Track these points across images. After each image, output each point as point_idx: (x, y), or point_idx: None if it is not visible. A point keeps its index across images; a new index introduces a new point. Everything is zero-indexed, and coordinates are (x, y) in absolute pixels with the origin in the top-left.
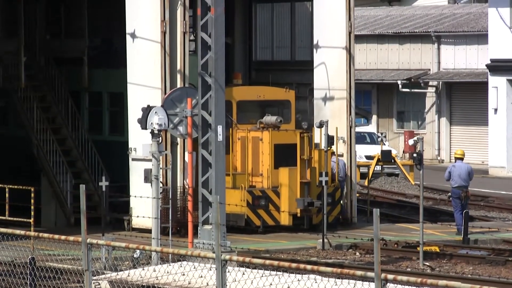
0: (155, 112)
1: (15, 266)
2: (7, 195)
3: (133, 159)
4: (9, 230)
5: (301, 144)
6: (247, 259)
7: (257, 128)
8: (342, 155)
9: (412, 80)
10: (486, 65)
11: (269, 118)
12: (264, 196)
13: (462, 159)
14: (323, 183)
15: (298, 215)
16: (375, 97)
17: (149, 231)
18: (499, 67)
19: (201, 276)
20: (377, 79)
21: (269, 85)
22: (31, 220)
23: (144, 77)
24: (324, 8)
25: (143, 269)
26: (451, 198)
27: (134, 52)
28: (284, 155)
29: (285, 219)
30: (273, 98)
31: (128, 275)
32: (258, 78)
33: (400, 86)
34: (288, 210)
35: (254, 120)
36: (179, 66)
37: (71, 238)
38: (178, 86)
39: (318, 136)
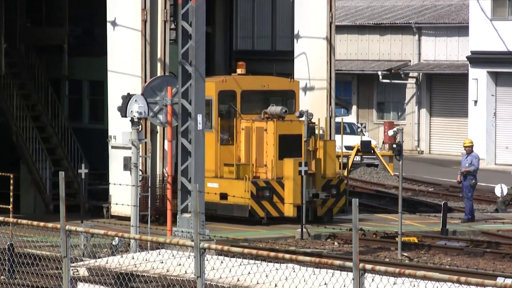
0: (135, 100)
1: None
2: None
3: (112, 147)
4: None
5: None
6: (226, 248)
7: (261, 118)
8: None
9: (393, 71)
10: (467, 57)
11: (274, 108)
12: (268, 187)
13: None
14: (302, 173)
15: None
16: (355, 87)
17: (128, 218)
18: (479, 59)
19: (180, 264)
20: (357, 69)
21: (249, 75)
22: (10, 207)
23: (125, 65)
24: None
25: (122, 257)
26: (470, 187)
27: (114, 40)
28: (288, 146)
29: (289, 211)
30: (278, 88)
31: (107, 263)
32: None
33: (380, 77)
34: (293, 201)
35: (258, 110)
36: (159, 54)
37: (50, 224)
38: (158, 74)
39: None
